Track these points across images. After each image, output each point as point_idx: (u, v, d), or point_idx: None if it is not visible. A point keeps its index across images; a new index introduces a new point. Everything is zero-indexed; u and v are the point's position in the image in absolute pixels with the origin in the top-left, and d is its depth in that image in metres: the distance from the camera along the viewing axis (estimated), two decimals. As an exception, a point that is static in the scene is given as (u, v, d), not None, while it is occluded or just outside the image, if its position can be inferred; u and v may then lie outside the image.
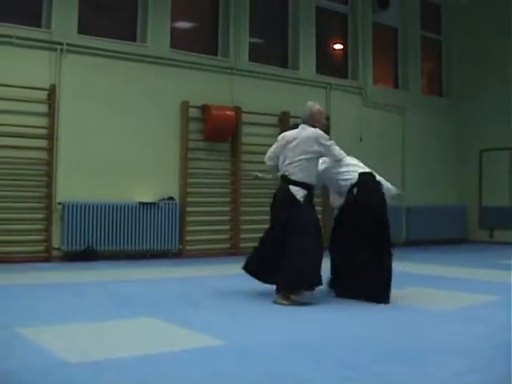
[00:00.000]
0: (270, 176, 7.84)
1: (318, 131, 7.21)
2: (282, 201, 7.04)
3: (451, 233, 16.34)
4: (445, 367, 4.31)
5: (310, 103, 7.47)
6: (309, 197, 7.07)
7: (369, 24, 15.40)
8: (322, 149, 7.17)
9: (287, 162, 7.08)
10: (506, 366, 4.30)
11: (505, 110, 16.19)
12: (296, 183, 6.99)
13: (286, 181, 7.03)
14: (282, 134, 7.42)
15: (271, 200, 7.22)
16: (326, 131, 13.39)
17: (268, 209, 7.26)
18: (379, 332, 5.47)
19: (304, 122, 7.32)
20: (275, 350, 4.71)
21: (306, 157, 7.04)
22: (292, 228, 6.84)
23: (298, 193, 6.97)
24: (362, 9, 15.25)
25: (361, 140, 14.68)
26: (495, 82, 16.42)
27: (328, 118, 13.86)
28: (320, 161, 7.33)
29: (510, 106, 16.10)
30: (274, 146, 7.41)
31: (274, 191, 7.33)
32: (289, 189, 6.98)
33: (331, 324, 5.78)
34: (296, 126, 7.40)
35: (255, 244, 7.35)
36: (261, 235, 7.37)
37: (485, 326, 5.74)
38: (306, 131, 7.17)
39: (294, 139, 7.12)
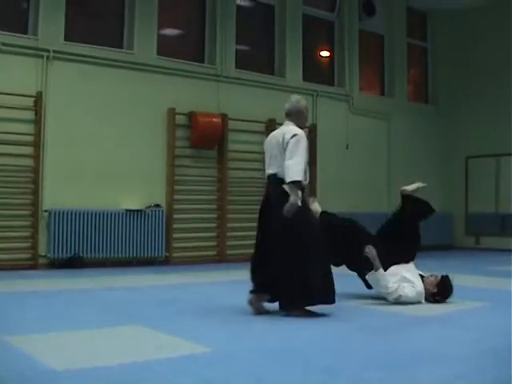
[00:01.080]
0: None
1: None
2: None
3: (438, 239, 16.36)
4: (433, 373, 4.31)
5: (298, 96, 6.98)
6: None
7: (355, 31, 15.46)
8: None
9: None
10: (494, 372, 4.31)
11: (490, 116, 16.31)
12: None
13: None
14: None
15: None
16: (314, 139, 13.57)
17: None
18: (367, 338, 5.46)
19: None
20: (263, 357, 4.70)
21: None
22: None
23: None
24: (349, 16, 15.31)
25: (347, 147, 14.73)
26: (481, 89, 16.52)
27: (315, 126, 13.95)
28: None
29: (495, 112, 16.21)
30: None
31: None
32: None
33: (319, 331, 5.77)
34: None
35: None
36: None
37: (474, 332, 5.75)
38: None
39: None
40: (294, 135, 6.42)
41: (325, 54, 15.60)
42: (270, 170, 6.61)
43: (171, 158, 12.10)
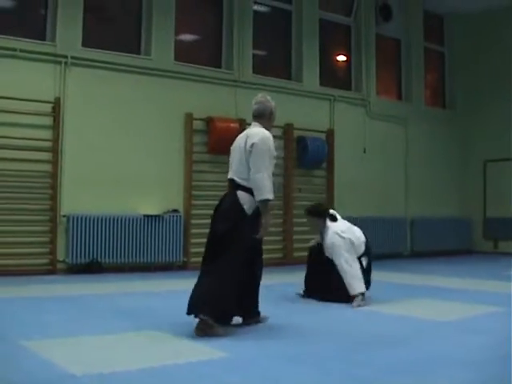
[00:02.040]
0: None
1: None
2: None
3: (456, 244, 16.32)
4: (449, 378, 4.30)
5: (266, 96, 6.59)
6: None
7: (372, 36, 15.43)
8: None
9: None
10: (509, 379, 4.28)
11: (508, 120, 16.19)
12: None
13: None
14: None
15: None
16: (332, 144, 13.55)
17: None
18: (384, 343, 5.45)
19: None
20: (280, 362, 4.70)
21: None
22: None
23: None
24: (365, 21, 15.28)
25: (364, 151, 14.70)
26: (498, 93, 16.44)
27: (332, 130, 13.94)
28: None
29: (513, 117, 16.11)
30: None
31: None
32: None
33: (335, 336, 5.76)
34: None
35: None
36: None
37: (490, 337, 5.73)
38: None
39: None
40: (255, 143, 6.00)
41: (342, 58, 15.57)
42: (229, 175, 6.21)
43: (189, 163, 12.11)
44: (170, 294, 8.65)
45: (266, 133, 6.17)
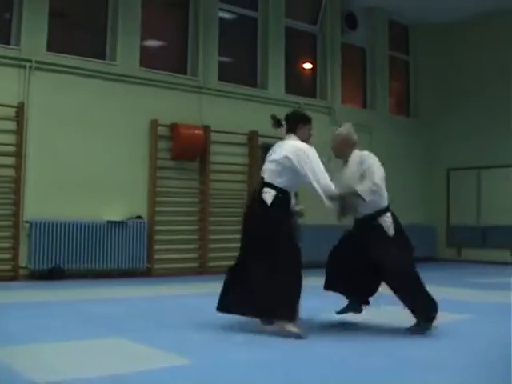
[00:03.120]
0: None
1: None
2: None
3: (419, 251, 16.09)
4: (423, 382, 4.39)
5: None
6: None
7: (337, 44, 15.57)
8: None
9: None
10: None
11: (471, 129, 16.45)
12: None
13: None
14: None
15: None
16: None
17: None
18: (355, 350, 5.52)
19: None
20: (243, 370, 4.73)
21: None
22: None
23: None
24: (331, 29, 15.41)
25: (330, 159, 14.75)
26: (462, 102, 16.69)
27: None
28: None
29: (476, 125, 16.35)
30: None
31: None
32: None
33: (301, 343, 5.79)
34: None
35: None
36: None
37: (457, 344, 5.81)
38: None
39: None
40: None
41: (307, 66, 15.70)
42: None
43: (153, 169, 12.12)
44: (134, 301, 8.65)
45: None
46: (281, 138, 6.88)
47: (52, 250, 10.93)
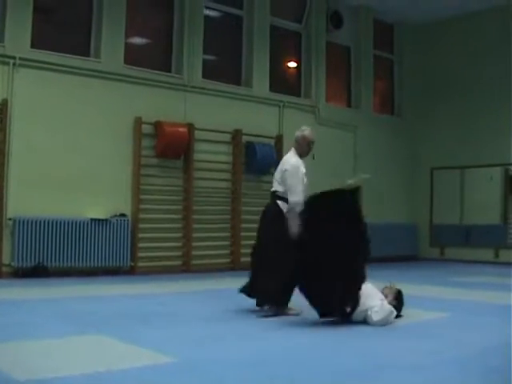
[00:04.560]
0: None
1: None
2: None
3: (403, 250, 16.56)
4: (397, 382, 4.42)
5: (303, 128, 7.97)
6: None
7: (322, 43, 15.62)
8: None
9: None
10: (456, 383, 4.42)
11: (455, 128, 16.55)
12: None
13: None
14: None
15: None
16: (280, 150, 13.58)
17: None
18: (330, 350, 5.55)
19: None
20: (226, 368, 4.77)
21: None
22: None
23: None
24: (316, 28, 15.47)
25: (313, 158, 14.78)
26: (446, 102, 16.78)
27: (281, 136, 14.02)
28: None
29: (460, 125, 16.45)
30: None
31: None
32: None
33: (282, 342, 5.85)
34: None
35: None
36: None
37: (435, 342, 5.86)
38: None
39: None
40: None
41: (292, 64, 15.75)
42: None
43: (137, 167, 12.12)
44: (117, 299, 8.66)
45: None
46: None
47: (35, 247, 10.92)
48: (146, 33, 13.30)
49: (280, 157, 13.90)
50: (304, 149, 7.77)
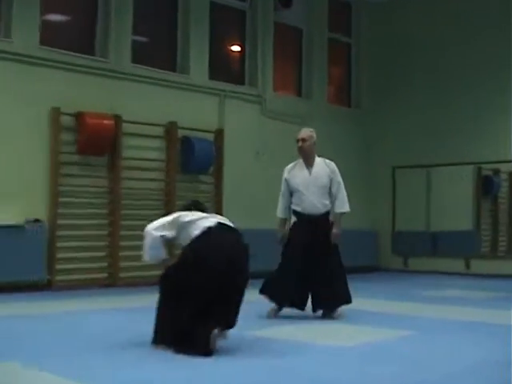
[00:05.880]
0: None
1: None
2: None
3: (361, 260, 16.55)
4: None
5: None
6: None
7: (270, 24, 15.59)
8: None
9: None
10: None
11: (420, 123, 16.62)
12: None
13: None
14: None
15: None
16: (220, 146, 13.52)
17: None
18: (277, 373, 5.50)
19: None
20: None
21: None
22: None
23: None
24: (262, 6, 15.44)
25: (258, 154, 14.76)
26: (410, 92, 16.85)
27: (221, 130, 13.94)
28: None
29: (425, 119, 16.53)
30: None
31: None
32: None
33: (211, 364, 5.76)
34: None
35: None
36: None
37: (398, 366, 5.83)
38: None
39: None
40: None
41: (235, 48, 15.72)
42: None
43: (55, 165, 11.93)
44: (29, 319, 8.47)
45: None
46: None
47: None
48: (66, 9, 13.08)
49: (221, 154, 13.93)
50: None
